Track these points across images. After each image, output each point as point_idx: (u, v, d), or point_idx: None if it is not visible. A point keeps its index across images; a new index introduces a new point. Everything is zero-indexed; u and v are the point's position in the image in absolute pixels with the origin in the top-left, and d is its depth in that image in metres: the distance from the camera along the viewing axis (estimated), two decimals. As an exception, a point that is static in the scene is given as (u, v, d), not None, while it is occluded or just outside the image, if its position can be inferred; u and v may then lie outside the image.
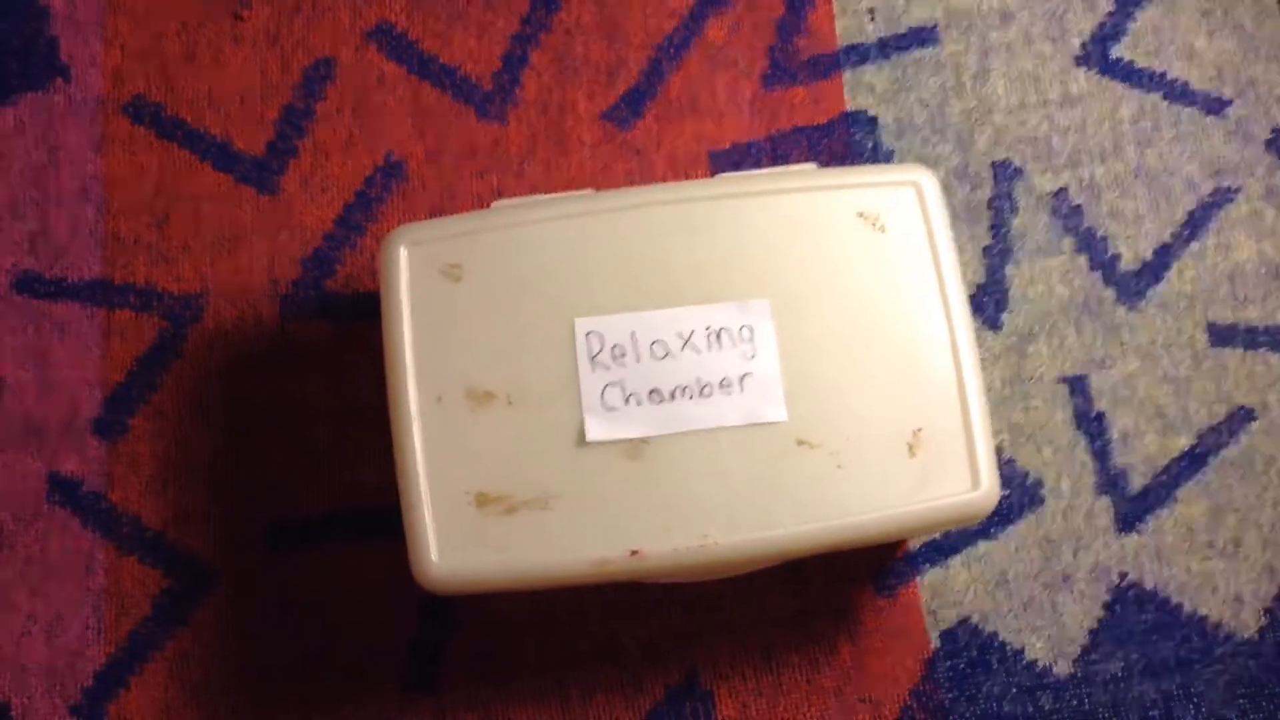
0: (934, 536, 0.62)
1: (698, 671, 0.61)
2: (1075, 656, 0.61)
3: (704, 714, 0.60)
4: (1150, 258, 0.66)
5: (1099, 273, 0.65)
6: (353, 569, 0.61)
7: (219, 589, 0.61)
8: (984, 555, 0.62)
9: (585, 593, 0.61)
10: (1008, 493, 0.63)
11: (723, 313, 0.52)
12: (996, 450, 0.56)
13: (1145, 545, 0.62)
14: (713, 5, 0.68)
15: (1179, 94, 0.68)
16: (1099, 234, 0.66)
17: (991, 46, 0.68)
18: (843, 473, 0.51)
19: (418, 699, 0.60)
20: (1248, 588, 0.62)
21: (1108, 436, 0.64)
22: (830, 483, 0.50)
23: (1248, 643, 0.61)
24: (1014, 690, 0.61)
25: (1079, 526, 0.63)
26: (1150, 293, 0.65)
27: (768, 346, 0.52)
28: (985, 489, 0.51)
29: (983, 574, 0.62)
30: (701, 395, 0.51)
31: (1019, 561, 0.62)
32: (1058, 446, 0.63)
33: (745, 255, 0.53)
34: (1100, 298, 0.65)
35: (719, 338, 0.52)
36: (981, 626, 0.61)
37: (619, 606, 0.61)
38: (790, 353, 0.52)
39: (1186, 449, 0.64)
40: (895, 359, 0.52)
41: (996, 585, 0.62)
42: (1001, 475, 0.61)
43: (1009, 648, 0.61)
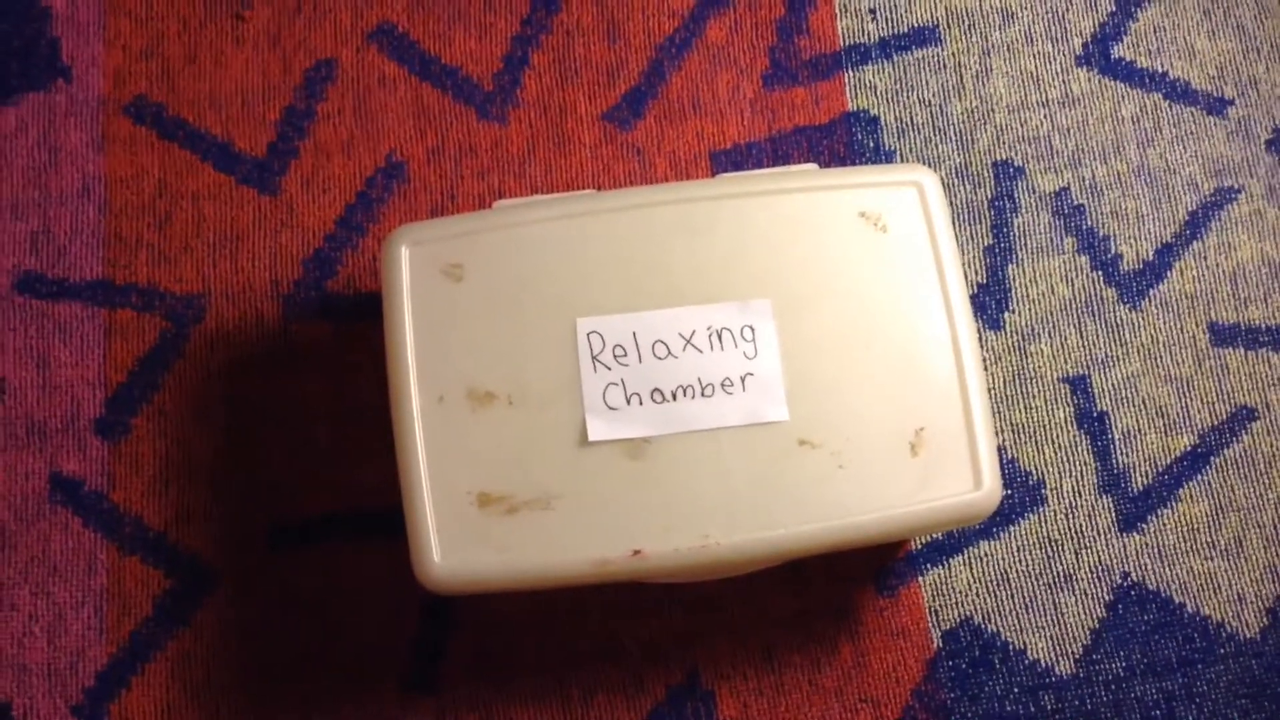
0: (935, 536, 0.62)
1: (699, 671, 0.60)
2: (1077, 656, 0.61)
3: (705, 714, 0.60)
4: (1152, 257, 0.66)
5: (1100, 272, 0.65)
6: (353, 569, 0.61)
7: (220, 589, 0.61)
8: (986, 555, 0.62)
9: (586, 593, 0.61)
10: (1009, 492, 0.63)
11: (724, 313, 0.52)
12: (998, 450, 0.56)
13: (1147, 545, 0.62)
14: (713, 6, 0.68)
15: (1180, 94, 0.68)
16: (1100, 234, 0.66)
17: (993, 46, 0.68)
18: (844, 473, 0.51)
19: (418, 699, 0.60)
20: (1250, 587, 0.62)
21: (1109, 436, 0.63)
22: (832, 483, 0.50)
23: (1250, 642, 0.61)
24: (1016, 690, 0.61)
25: (1081, 526, 0.62)
26: (1152, 292, 0.65)
27: (769, 346, 0.52)
28: (987, 489, 0.51)
29: (984, 574, 0.62)
30: (703, 395, 0.51)
31: (1021, 561, 0.62)
32: (1059, 446, 0.63)
33: (747, 255, 0.52)
34: (1102, 297, 0.65)
35: (720, 338, 0.52)
36: (983, 626, 0.61)
37: (620, 606, 0.61)
38: (792, 353, 0.52)
39: (1188, 449, 0.64)
40: (897, 359, 0.52)
41: (998, 585, 0.62)
42: (1003, 475, 0.61)
43: (1011, 648, 0.61)
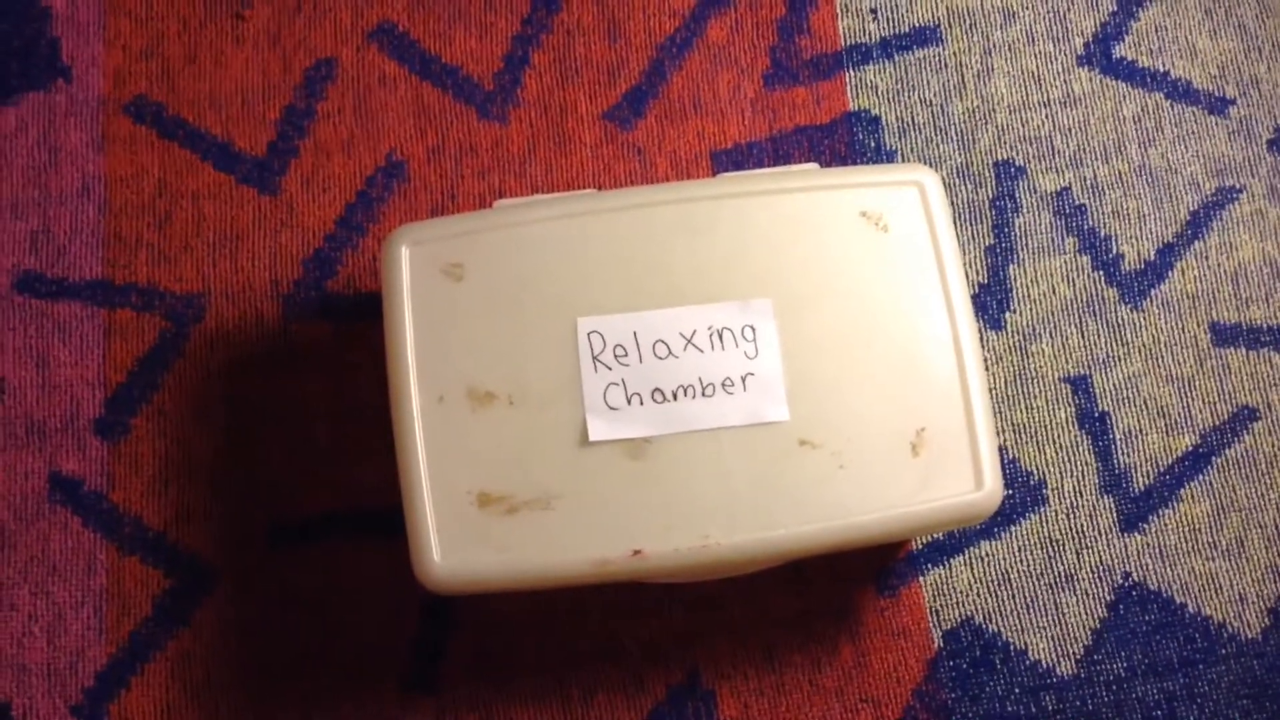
0: (936, 536, 0.62)
1: (699, 671, 0.60)
2: (1078, 657, 0.61)
3: (706, 714, 0.60)
4: (1153, 257, 0.66)
5: (1102, 272, 0.65)
6: (353, 568, 0.61)
7: (220, 589, 0.61)
8: (987, 555, 0.62)
9: (586, 592, 0.60)
10: (1010, 492, 0.63)
11: (725, 312, 0.52)
12: (999, 450, 0.56)
13: (1148, 545, 0.62)
14: (714, 5, 0.68)
15: (1182, 93, 0.68)
16: (1102, 234, 0.66)
17: (994, 46, 0.68)
18: (845, 473, 0.50)
19: (418, 699, 0.60)
20: (1251, 588, 0.62)
21: (1111, 436, 0.63)
22: (832, 483, 0.50)
23: (1251, 643, 0.61)
24: (1017, 690, 0.60)
25: (1082, 526, 0.62)
26: (1153, 292, 0.65)
27: (770, 346, 0.51)
28: (988, 489, 0.51)
29: (985, 574, 0.62)
30: (704, 395, 0.51)
31: (1022, 561, 0.62)
32: (1060, 446, 0.63)
33: (747, 255, 0.52)
34: (1103, 297, 0.65)
35: (721, 337, 0.51)
36: (984, 626, 0.61)
37: (620, 606, 0.61)
38: (793, 352, 0.51)
39: (1190, 449, 0.63)
40: (898, 359, 0.52)
41: (999, 585, 0.62)
42: (1004, 475, 0.61)
43: (1012, 648, 0.61)
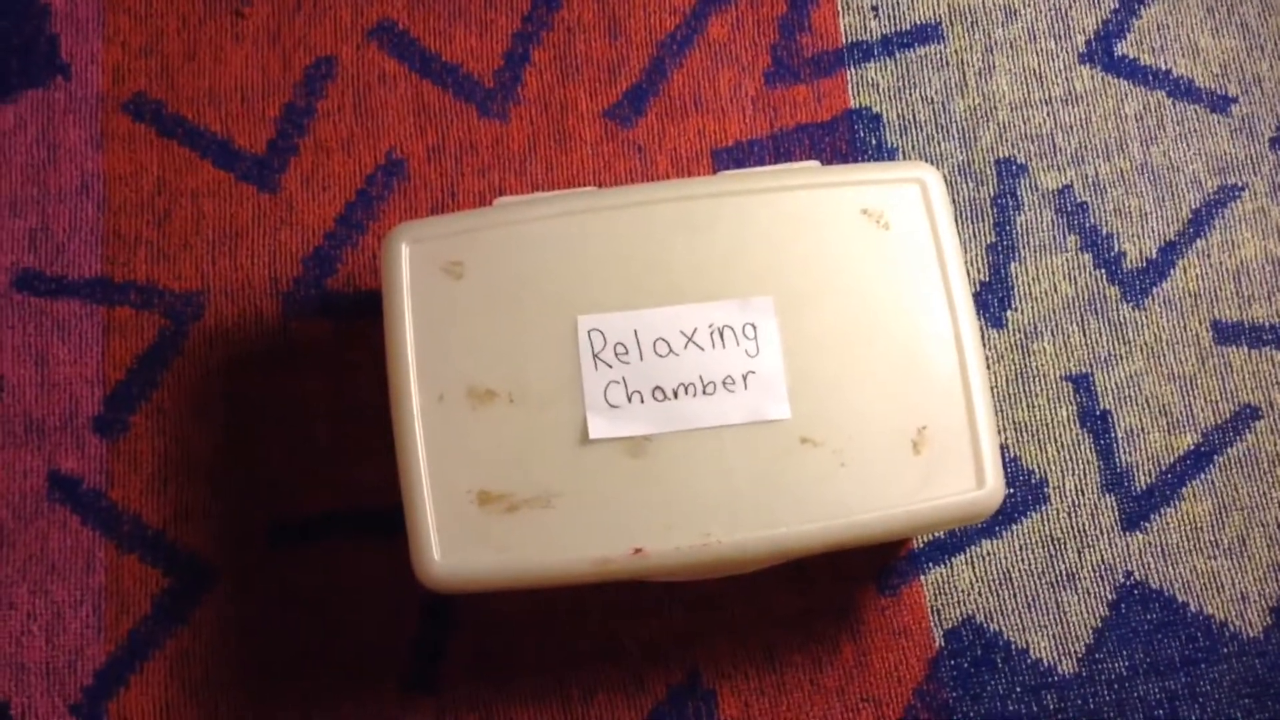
0: (937, 535, 0.62)
1: (700, 671, 0.60)
2: (1080, 655, 0.61)
3: (706, 713, 0.60)
4: (1155, 255, 0.66)
5: (1103, 270, 0.65)
6: (353, 567, 0.61)
7: (219, 587, 0.61)
8: (988, 554, 0.62)
9: (586, 592, 0.60)
10: (1012, 491, 0.63)
11: (726, 310, 0.52)
12: (1001, 448, 0.56)
13: (1150, 544, 0.62)
14: (715, 3, 0.68)
15: (1183, 91, 0.68)
16: (1103, 231, 0.66)
17: (996, 43, 0.68)
18: (846, 471, 0.50)
19: (418, 698, 0.60)
20: (1253, 586, 0.62)
21: (1112, 435, 0.63)
22: (834, 481, 0.50)
23: (1253, 642, 0.61)
24: (1018, 689, 0.60)
25: (1084, 525, 0.62)
26: (1155, 290, 0.65)
27: (771, 344, 0.51)
28: (990, 487, 0.51)
29: (987, 573, 0.62)
30: (704, 393, 0.51)
31: (1023, 560, 0.62)
32: (1062, 444, 0.63)
33: (748, 253, 0.52)
34: (1105, 295, 0.65)
35: (722, 335, 0.51)
36: (985, 625, 0.61)
37: (620, 606, 0.61)
38: (794, 350, 0.51)
39: (1191, 447, 0.63)
40: (899, 357, 0.52)
41: (1001, 584, 0.62)
42: (1006, 473, 0.61)
43: (1013, 647, 0.61)
